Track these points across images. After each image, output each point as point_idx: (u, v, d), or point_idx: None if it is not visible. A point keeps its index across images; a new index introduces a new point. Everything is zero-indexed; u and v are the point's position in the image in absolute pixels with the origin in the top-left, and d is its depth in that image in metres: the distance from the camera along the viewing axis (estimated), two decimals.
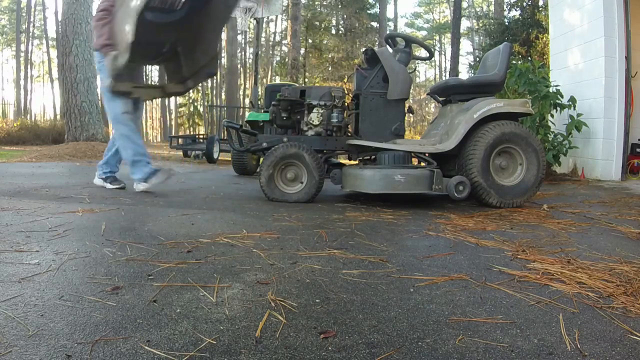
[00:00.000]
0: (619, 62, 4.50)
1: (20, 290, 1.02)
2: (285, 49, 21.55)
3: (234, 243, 1.55)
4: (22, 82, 24.78)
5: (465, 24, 25.67)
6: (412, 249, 1.55)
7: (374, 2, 19.05)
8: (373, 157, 2.91)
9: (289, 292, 1.07)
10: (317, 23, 18.35)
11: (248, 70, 26.26)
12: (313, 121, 2.86)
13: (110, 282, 1.11)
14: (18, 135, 11.90)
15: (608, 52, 4.51)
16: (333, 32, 19.19)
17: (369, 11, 18.81)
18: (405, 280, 1.20)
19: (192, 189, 3.19)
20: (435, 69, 33.92)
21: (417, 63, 18.72)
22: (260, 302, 1.00)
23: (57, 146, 7.50)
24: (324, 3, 18.63)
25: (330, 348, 0.80)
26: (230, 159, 6.30)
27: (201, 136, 10.05)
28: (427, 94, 3.55)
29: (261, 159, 2.72)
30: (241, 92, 24.06)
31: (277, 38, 24.88)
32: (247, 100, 20.78)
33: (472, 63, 11.10)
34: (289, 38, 12.89)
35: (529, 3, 9.06)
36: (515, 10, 9.70)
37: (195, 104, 27.73)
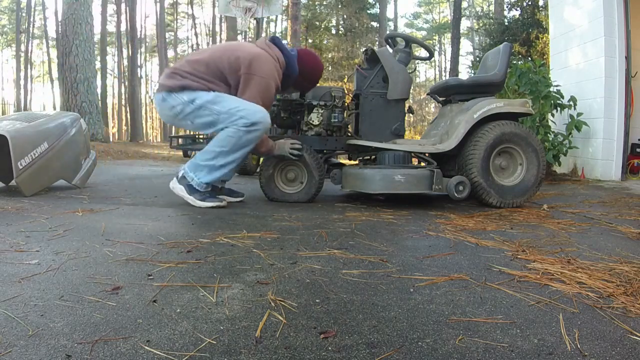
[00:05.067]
0: (619, 62, 4.50)
1: (20, 290, 1.02)
2: None
3: (234, 243, 1.55)
4: (22, 82, 24.79)
5: (465, 24, 25.71)
6: (412, 249, 1.55)
7: (374, 2, 19.04)
8: (373, 157, 2.91)
9: (289, 292, 1.07)
10: (317, 23, 18.33)
11: None
12: (313, 121, 2.86)
13: (110, 282, 1.11)
14: None
15: (608, 52, 4.51)
16: (333, 32, 19.17)
17: (369, 11, 18.81)
18: (405, 280, 1.20)
19: None
20: (435, 69, 33.96)
21: (417, 63, 18.71)
22: (260, 302, 1.00)
23: None
24: (324, 3, 18.62)
25: (330, 348, 0.80)
26: None
27: (201, 136, 10.04)
28: (427, 94, 3.55)
29: (261, 159, 2.72)
30: None
31: None
32: None
33: (472, 63, 11.09)
34: (289, 38, 12.88)
35: (529, 3, 9.06)
36: (515, 10, 9.70)
37: None
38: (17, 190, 2.57)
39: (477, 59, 10.78)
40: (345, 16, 18.10)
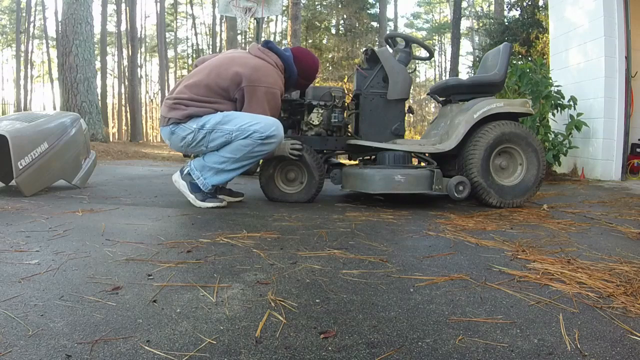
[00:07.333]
0: (619, 62, 4.50)
1: (20, 290, 1.02)
2: None
3: (234, 243, 1.55)
4: (22, 82, 24.77)
5: (465, 24, 25.68)
6: (412, 249, 1.55)
7: (374, 2, 19.03)
8: (373, 157, 2.91)
9: (289, 292, 1.07)
10: (317, 23, 18.32)
11: None
12: (313, 121, 2.86)
13: (110, 282, 1.11)
14: None
15: (608, 52, 4.51)
16: (333, 32, 19.16)
17: (369, 11, 18.79)
18: (405, 280, 1.20)
19: None
20: (435, 69, 33.92)
21: (417, 63, 18.70)
22: (260, 302, 1.00)
23: None
24: (324, 3, 18.61)
25: (330, 348, 0.80)
26: None
27: None
28: (427, 94, 3.55)
29: (261, 159, 2.73)
30: None
31: (277, 38, 24.86)
32: None
33: (472, 63, 11.09)
34: (289, 38, 12.88)
35: (529, 3, 9.05)
36: (515, 10, 9.68)
37: None
38: (17, 190, 2.57)
39: (477, 59, 10.77)
40: (345, 16, 18.09)
